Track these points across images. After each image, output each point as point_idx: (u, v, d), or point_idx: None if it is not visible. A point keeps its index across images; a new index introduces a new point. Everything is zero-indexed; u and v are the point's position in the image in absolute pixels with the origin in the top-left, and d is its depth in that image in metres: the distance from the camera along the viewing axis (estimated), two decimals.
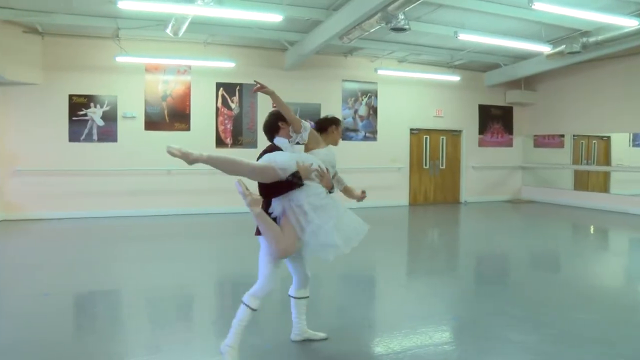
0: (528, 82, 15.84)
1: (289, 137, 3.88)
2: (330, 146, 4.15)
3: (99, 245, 8.82)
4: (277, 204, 3.69)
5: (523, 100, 15.83)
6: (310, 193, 3.66)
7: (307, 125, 3.91)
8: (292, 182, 3.59)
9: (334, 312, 5.17)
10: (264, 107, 13.04)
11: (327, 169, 3.86)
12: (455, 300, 5.64)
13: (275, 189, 3.63)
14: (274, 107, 3.82)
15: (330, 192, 3.85)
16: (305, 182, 3.66)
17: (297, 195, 3.64)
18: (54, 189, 11.61)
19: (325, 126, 4.18)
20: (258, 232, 3.75)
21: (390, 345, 4.23)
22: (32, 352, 4.05)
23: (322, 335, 4.30)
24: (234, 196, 4.95)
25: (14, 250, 8.62)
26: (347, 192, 4.34)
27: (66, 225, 10.81)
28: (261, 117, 12.68)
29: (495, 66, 14.99)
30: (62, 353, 4.07)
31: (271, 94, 3.77)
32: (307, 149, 3.98)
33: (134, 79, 12.19)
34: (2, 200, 11.33)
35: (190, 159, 3.43)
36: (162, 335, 4.44)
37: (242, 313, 3.69)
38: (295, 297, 4.18)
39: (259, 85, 3.77)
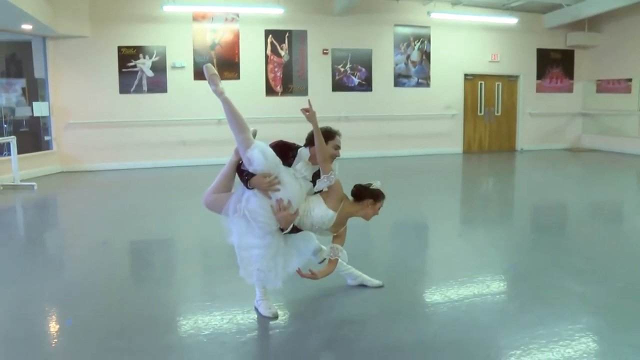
0: (592, 23, 15.16)
1: (314, 155, 3.68)
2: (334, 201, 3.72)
3: (152, 195, 8.99)
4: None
5: (586, 42, 15.25)
6: (259, 211, 3.55)
7: (334, 178, 3.65)
8: (243, 177, 3.61)
9: (388, 261, 5.15)
10: (314, 53, 13.07)
11: (296, 210, 3.59)
12: (513, 250, 5.52)
13: (239, 168, 3.68)
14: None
15: (282, 231, 3.62)
16: (260, 193, 3.57)
17: (249, 196, 3.60)
18: (106, 141, 11.90)
19: (360, 196, 3.82)
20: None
21: (447, 294, 4.19)
22: (93, 298, 4.18)
23: (377, 282, 4.27)
24: None
25: (71, 201, 8.88)
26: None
27: (119, 177, 11.10)
28: (312, 64, 12.91)
29: (557, 7, 14.40)
30: (121, 299, 4.19)
31: (314, 124, 3.56)
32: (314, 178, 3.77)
33: (182, 28, 12.20)
34: (58, 152, 11.72)
35: (217, 88, 3.57)
36: (218, 283, 4.49)
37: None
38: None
39: (307, 107, 3.57)
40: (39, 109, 11.43)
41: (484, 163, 13.30)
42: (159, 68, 12.11)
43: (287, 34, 12.90)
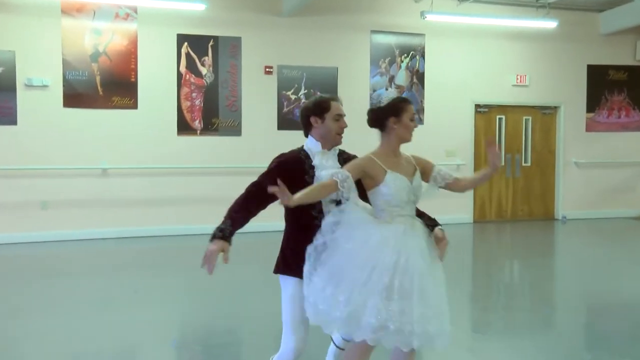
0: None
1: (321, 140, 4.19)
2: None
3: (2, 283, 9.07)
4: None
5: None
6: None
7: (341, 177, 3.84)
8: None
9: None
10: (252, 72, 12.96)
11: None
12: None
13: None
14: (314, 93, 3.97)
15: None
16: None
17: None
18: None
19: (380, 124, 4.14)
20: (275, 269, 4.19)
21: None
22: None
23: None
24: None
25: None
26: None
27: None
28: (248, 88, 13.00)
29: (619, 2, 14.45)
30: None
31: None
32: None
33: (43, 24, 11.82)
34: None
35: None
36: None
37: None
38: (339, 347, 4.47)
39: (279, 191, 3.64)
40: None
41: (505, 238, 13.54)
42: (4, 86, 11.71)
43: (211, 42, 12.75)
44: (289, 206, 3.65)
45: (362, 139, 4.92)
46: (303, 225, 4.01)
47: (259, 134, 12.75)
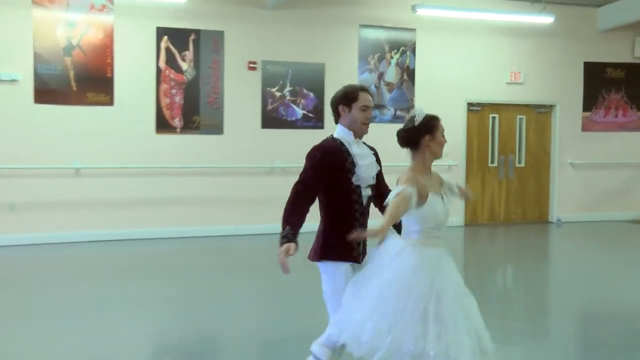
0: None
1: (349, 129, 4.48)
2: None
3: None
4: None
5: None
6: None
7: (410, 191, 4.04)
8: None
9: None
10: (235, 68, 12.90)
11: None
12: None
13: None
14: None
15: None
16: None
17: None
18: None
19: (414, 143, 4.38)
20: (315, 256, 4.42)
21: None
22: None
23: None
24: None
25: None
26: None
27: None
28: (231, 84, 12.94)
29: None
30: None
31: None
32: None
33: (13, 15, 11.75)
34: None
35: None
36: None
37: None
38: None
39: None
40: None
41: (499, 242, 13.65)
42: None
43: (192, 36, 12.68)
44: (382, 239, 3.88)
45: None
46: (344, 210, 4.35)
47: (242, 133, 12.71)
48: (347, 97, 4.45)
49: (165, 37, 12.42)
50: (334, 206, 4.40)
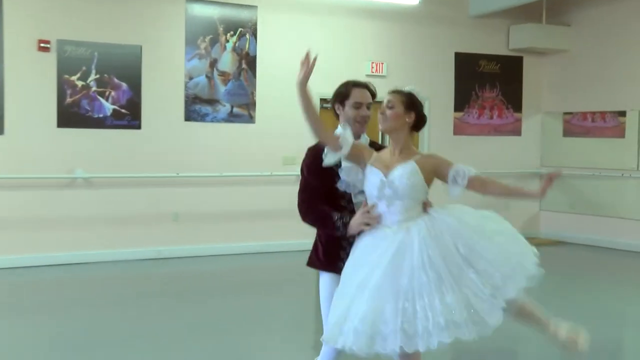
0: (555, 10, 15.40)
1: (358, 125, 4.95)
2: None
3: None
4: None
5: (545, 44, 15.55)
6: None
7: (347, 135, 4.63)
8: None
9: None
10: (19, 48, 12.18)
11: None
12: None
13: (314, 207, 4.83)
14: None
15: None
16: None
17: None
18: None
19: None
20: (311, 263, 4.92)
21: None
22: None
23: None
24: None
25: None
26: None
27: None
28: (13, 70, 12.55)
29: None
30: None
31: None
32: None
33: None
34: None
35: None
36: None
37: None
38: None
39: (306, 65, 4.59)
40: None
41: None
42: None
43: None
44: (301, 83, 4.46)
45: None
46: None
47: (30, 133, 12.07)
48: (340, 94, 4.79)
49: None
50: None
